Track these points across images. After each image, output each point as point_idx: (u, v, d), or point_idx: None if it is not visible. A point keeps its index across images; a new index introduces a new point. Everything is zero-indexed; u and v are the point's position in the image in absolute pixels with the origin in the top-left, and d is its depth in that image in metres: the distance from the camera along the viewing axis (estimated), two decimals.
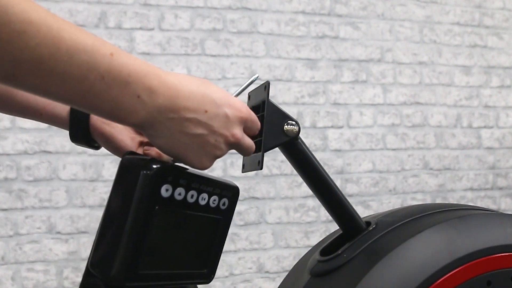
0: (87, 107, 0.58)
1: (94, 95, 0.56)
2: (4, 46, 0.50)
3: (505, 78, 2.68)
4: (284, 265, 2.30)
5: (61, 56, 0.53)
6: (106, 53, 0.56)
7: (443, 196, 2.56)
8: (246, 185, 2.27)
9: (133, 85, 0.58)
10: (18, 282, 2.01)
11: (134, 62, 0.58)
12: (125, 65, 0.57)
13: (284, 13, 2.36)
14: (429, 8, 2.57)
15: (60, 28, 0.53)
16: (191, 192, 0.66)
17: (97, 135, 0.78)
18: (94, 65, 0.55)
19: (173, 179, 0.63)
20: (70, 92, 0.55)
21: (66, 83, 0.54)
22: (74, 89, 0.55)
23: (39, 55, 0.52)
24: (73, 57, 0.53)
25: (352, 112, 2.44)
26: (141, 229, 0.61)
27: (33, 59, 0.51)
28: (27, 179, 2.04)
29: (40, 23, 0.51)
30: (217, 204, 0.71)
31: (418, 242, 0.76)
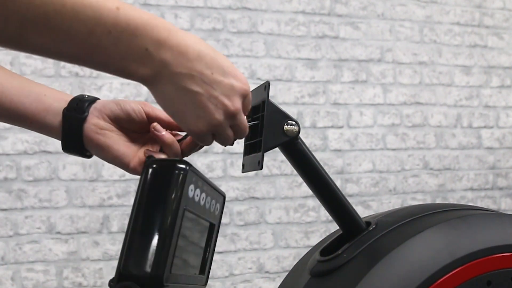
0: (95, 63, 0.58)
1: (101, 50, 0.56)
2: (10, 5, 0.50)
3: (505, 78, 2.68)
4: (284, 265, 2.30)
5: (66, 12, 0.53)
6: (111, 7, 0.56)
7: (443, 196, 2.56)
8: (246, 185, 2.27)
9: (141, 38, 0.57)
10: (18, 282, 2.01)
11: (141, 15, 0.58)
12: (132, 18, 0.57)
13: (284, 13, 2.36)
14: (429, 8, 2.57)
15: None
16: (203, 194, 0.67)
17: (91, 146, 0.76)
18: (100, 19, 0.55)
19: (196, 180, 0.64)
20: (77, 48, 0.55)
21: (73, 40, 0.54)
22: (81, 45, 0.55)
23: (45, 12, 0.51)
24: (78, 13, 0.53)
25: (352, 112, 2.44)
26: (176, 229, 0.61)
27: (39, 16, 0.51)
28: (27, 179, 2.04)
29: None
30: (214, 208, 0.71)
31: (418, 242, 0.76)
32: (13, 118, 0.77)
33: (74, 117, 0.74)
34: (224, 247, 2.23)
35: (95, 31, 0.55)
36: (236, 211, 2.25)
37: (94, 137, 0.74)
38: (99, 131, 0.74)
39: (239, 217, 2.26)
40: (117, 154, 0.75)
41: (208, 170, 2.22)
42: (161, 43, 0.59)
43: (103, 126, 0.75)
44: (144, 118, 0.75)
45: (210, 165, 2.23)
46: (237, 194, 2.26)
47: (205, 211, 0.68)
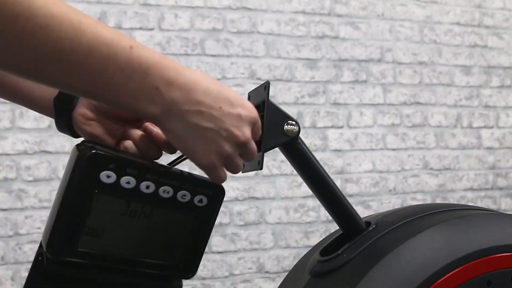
0: (106, 99, 0.59)
1: (113, 87, 0.57)
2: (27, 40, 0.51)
3: (505, 78, 2.68)
4: (284, 265, 2.30)
5: (82, 49, 0.54)
6: (125, 46, 0.57)
7: (443, 196, 2.56)
8: (246, 185, 2.27)
9: (152, 77, 0.59)
10: (18, 282, 2.01)
11: (153, 55, 0.59)
12: (144, 57, 0.58)
13: (284, 13, 2.36)
14: (429, 8, 2.57)
15: (80, 22, 0.54)
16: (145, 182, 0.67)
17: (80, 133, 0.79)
18: (114, 57, 0.56)
19: (116, 167, 0.66)
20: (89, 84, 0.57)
21: (86, 76, 0.56)
22: (93, 81, 0.56)
23: (61, 48, 0.53)
24: (93, 50, 0.55)
25: (352, 112, 2.44)
26: (77, 209, 0.64)
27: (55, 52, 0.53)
28: (27, 179, 2.04)
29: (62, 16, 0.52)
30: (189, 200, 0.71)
31: (418, 242, 0.76)
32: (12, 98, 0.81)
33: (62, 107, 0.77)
34: (224, 247, 2.23)
35: (108, 68, 0.56)
36: (236, 211, 2.25)
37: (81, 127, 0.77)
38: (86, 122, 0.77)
39: (239, 217, 2.26)
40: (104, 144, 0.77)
41: None
42: (170, 82, 0.60)
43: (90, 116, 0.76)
44: None
45: None
46: (237, 194, 2.26)
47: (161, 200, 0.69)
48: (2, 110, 2.03)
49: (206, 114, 0.63)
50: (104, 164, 0.65)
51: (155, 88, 0.59)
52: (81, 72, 0.55)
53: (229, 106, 0.64)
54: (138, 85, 0.58)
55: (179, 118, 0.62)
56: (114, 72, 0.56)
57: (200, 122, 0.63)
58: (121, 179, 0.66)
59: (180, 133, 0.63)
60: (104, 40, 0.55)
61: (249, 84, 2.25)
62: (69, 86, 0.57)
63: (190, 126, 0.63)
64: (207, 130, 0.63)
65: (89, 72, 0.55)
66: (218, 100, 0.64)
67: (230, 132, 0.65)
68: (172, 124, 0.62)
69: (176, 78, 0.61)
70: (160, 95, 0.60)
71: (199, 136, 0.63)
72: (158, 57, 0.60)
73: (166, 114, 0.61)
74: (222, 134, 0.64)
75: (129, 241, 0.69)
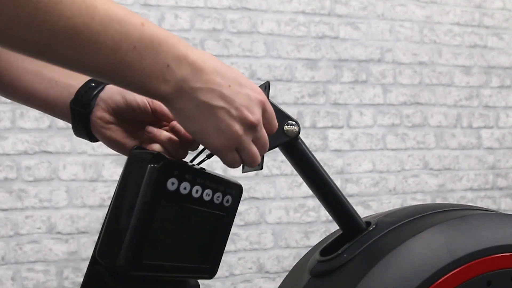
0: (118, 79, 0.59)
1: (125, 65, 0.57)
2: (41, 16, 0.51)
3: (505, 78, 2.68)
4: (284, 265, 2.30)
5: (95, 26, 0.54)
6: (137, 22, 0.57)
7: (443, 196, 2.56)
8: (246, 185, 2.27)
9: (163, 54, 0.58)
10: (18, 282, 2.01)
11: (163, 32, 0.59)
12: (155, 34, 0.58)
13: (284, 13, 2.36)
14: (429, 8, 2.58)
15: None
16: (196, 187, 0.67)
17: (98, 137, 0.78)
18: (126, 34, 0.56)
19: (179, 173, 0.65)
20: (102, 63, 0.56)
21: (99, 54, 0.55)
22: (106, 60, 0.56)
23: (74, 25, 0.52)
24: (106, 27, 0.54)
25: (352, 112, 2.44)
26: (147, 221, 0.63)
27: (68, 29, 0.52)
28: (27, 179, 2.04)
29: None
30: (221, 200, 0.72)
31: (418, 242, 0.76)
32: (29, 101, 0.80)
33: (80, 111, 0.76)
34: None
35: (121, 46, 0.56)
36: None
37: (100, 131, 0.76)
38: (105, 125, 0.76)
39: (239, 217, 2.26)
40: (122, 147, 0.76)
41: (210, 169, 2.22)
42: (181, 59, 0.60)
43: (108, 119, 0.76)
44: (148, 111, 0.76)
45: (211, 165, 2.23)
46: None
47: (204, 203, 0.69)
48: (2, 110, 2.03)
49: (216, 92, 0.62)
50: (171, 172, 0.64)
51: (166, 65, 0.59)
52: (93, 50, 0.55)
53: (238, 86, 0.64)
54: (150, 62, 0.58)
55: (189, 96, 0.61)
56: (127, 50, 0.56)
57: (210, 100, 0.62)
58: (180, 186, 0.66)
59: (190, 113, 0.62)
60: (116, 16, 0.55)
61: None
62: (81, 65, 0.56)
63: (201, 104, 0.62)
64: (218, 109, 0.62)
65: (102, 49, 0.55)
66: (227, 79, 0.63)
67: (240, 111, 0.63)
68: (183, 103, 0.61)
69: (186, 56, 0.60)
70: (171, 73, 0.59)
71: (210, 114, 0.62)
72: (168, 35, 0.60)
73: (177, 92, 0.60)
74: (232, 113, 0.63)
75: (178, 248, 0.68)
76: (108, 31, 0.54)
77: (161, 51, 0.58)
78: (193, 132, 0.64)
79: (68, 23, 0.52)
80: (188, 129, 0.64)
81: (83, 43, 0.54)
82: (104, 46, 0.55)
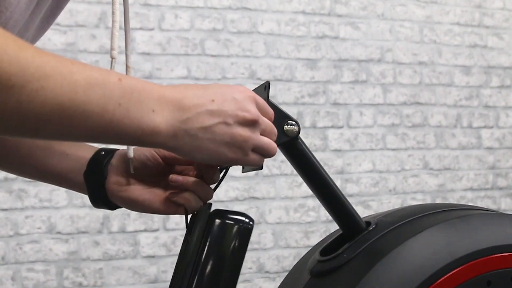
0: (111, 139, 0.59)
1: (115, 124, 0.57)
2: (25, 106, 0.51)
3: (505, 78, 2.68)
4: (284, 265, 2.31)
5: (79, 98, 0.54)
6: (115, 80, 0.57)
7: (443, 196, 2.56)
8: (246, 185, 2.27)
9: (146, 102, 0.59)
10: (18, 282, 2.01)
11: (138, 82, 0.60)
12: (133, 85, 0.59)
13: (284, 13, 2.36)
14: (429, 8, 2.58)
15: (71, 72, 0.54)
16: None
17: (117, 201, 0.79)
18: (109, 95, 0.56)
19: None
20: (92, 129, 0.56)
21: (88, 121, 0.55)
22: (96, 125, 0.56)
23: (60, 103, 0.53)
24: (90, 95, 0.55)
25: (352, 112, 2.44)
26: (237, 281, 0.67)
27: (54, 109, 0.53)
28: (27, 179, 2.04)
29: (55, 73, 0.52)
30: None
31: (418, 242, 0.76)
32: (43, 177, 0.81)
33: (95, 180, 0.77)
34: None
35: (107, 107, 0.56)
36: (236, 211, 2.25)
37: (117, 195, 0.77)
38: (121, 188, 0.77)
39: None
40: (144, 204, 0.77)
41: None
42: (161, 100, 0.60)
43: (124, 182, 0.77)
44: (159, 162, 0.77)
45: None
46: (237, 194, 2.26)
47: None
48: None
49: (204, 113, 0.62)
50: None
51: (152, 110, 0.59)
52: (82, 120, 0.55)
53: (221, 95, 0.64)
54: (137, 113, 0.58)
55: (184, 131, 0.61)
56: (114, 109, 0.56)
57: (203, 123, 0.62)
58: None
59: (193, 145, 0.62)
60: (96, 81, 0.55)
61: (249, 84, 2.25)
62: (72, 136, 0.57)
63: (197, 132, 0.62)
64: (214, 126, 0.62)
65: (90, 116, 0.55)
66: (208, 96, 0.63)
67: (235, 116, 0.64)
68: (182, 141, 0.62)
69: (163, 96, 0.61)
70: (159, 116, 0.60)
71: (210, 136, 0.63)
72: (142, 82, 0.60)
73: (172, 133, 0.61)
74: (229, 122, 0.63)
75: None
76: (92, 98, 0.55)
77: (143, 100, 0.59)
78: (205, 160, 0.65)
79: (54, 103, 0.52)
80: (198, 159, 0.65)
81: (70, 117, 0.54)
82: (91, 113, 0.55)
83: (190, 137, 0.62)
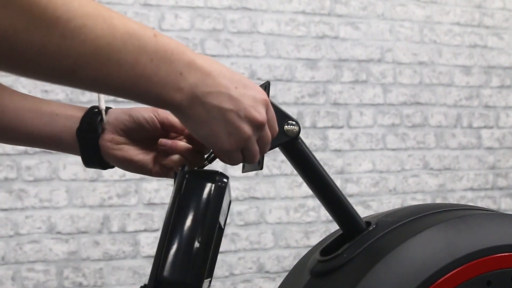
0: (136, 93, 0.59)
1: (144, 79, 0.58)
2: (67, 42, 0.51)
3: (505, 78, 2.68)
4: (284, 265, 2.31)
5: (116, 44, 0.54)
6: (151, 35, 0.58)
7: (443, 196, 2.56)
8: (246, 185, 2.27)
9: (176, 63, 0.60)
10: (18, 282, 2.01)
11: (172, 41, 0.60)
12: (167, 44, 0.59)
13: (284, 13, 2.36)
14: (429, 8, 2.58)
15: (111, 17, 0.54)
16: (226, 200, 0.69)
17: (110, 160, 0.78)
18: (144, 48, 0.57)
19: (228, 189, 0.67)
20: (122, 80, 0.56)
21: (120, 71, 0.56)
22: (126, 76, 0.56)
23: (98, 46, 0.53)
24: (126, 43, 0.55)
25: (352, 112, 2.44)
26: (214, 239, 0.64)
27: (93, 51, 0.53)
28: (27, 179, 2.04)
29: (96, 14, 0.53)
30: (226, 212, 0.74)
31: (418, 242, 0.76)
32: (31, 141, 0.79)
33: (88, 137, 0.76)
34: (224, 247, 2.23)
35: (140, 60, 0.56)
36: (236, 211, 2.25)
37: (112, 153, 0.76)
38: (116, 147, 0.76)
39: (239, 217, 2.26)
40: (137, 165, 0.77)
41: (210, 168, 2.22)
42: (191, 65, 0.61)
43: (119, 140, 0.76)
44: (157, 126, 0.77)
45: (211, 165, 2.23)
46: (237, 194, 2.26)
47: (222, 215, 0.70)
48: None
49: (225, 95, 0.63)
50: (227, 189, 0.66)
51: (180, 73, 0.60)
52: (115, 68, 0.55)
53: (243, 87, 0.65)
54: (165, 72, 0.59)
55: (201, 101, 0.62)
56: (146, 63, 0.57)
57: (220, 103, 0.63)
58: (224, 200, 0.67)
59: (202, 118, 0.63)
60: (133, 31, 0.56)
61: None
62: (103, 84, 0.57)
63: (212, 108, 0.63)
64: (228, 112, 0.63)
65: (123, 66, 0.56)
66: (233, 81, 0.64)
67: (248, 112, 0.65)
68: (195, 109, 0.62)
69: (194, 62, 0.61)
70: (184, 80, 0.60)
71: (220, 118, 0.63)
72: (177, 43, 0.61)
73: (190, 99, 0.61)
74: (241, 114, 0.64)
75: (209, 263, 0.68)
76: (128, 48, 0.55)
77: (174, 60, 0.59)
78: (204, 136, 0.65)
79: (93, 45, 0.53)
80: (199, 134, 0.65)
81: (105, 62, 0.54)
82: (125, 62, 0.56)
83: (204, 110, 0.62)
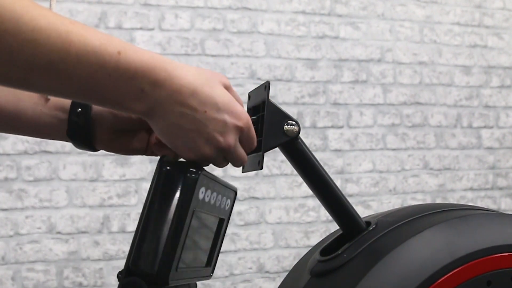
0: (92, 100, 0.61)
1: (99, 90, 0.58)
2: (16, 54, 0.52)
3: (505, 78, 2.68)
4: (284, 265, 2.30)
5: (70, 59, 0.55)
6: (113, 52, 0.57)
7: (443, 196, 2.56)
8: (246, 185, 2.27)
9: (138, 80, 0.59)
10: (18, 282, 2.01)
11: (141, 58, 0.59)
12: (132, 62, 0.59)
13: (284, 13, 2.36)
14: (429, 8, 2.57)
15: (68, 32, 0.54)
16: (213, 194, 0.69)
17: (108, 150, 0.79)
18: (102, 65, 0.57)
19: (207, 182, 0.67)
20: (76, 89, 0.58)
21: (74, 83, 0.56)
22: (81, 87, 0.57)
23: (50, 60, 0.53)
24: (81, 59, 0.55)
25: (352, 112, 2.44)
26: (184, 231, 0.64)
27: (44, 64, 0.53)
28: (27, 179, 2.04)
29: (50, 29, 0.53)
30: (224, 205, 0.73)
31: (418, 242, 0.76)
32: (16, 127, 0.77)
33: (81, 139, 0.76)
34: (224, 247, 2.23)
35: (95, 75, 0.57)
36: (236, 211, 2.25)
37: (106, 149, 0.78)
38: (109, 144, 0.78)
39: (239, 217, 2.26)
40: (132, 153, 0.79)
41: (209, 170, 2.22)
42: (156, 84, 0.60)
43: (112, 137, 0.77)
44: None
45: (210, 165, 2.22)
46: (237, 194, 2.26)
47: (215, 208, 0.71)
48: None
49: (189, 116, 0.63)
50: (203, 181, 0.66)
51: (141, 90, 0.60)
52: (69, 80, 0.56)
53: (215, 111, 0.64)
54: (124, 88, 0.59)
55: (162, 116, 0.63)
56: (102, 78, 0.57)
57: (181, 123, 0.63)
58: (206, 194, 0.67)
59: (163, 130, 0.64)
60: (92, 48, 0.56)
61: (249, 84, 2.25)
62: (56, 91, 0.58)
63: (171, 125, 0.63)
64: (189, 131, 0.64)
65: (77, 79, 0.56)
66: (205, 104, 0.63)
67: (212, 137, 0.65)
68: (156, 120, 0.63)
69: (164, 80, 0.61)
70: (145, 96, 0.60)
71: (180, 135, 0.64)
72: (147, 59, 0.60)
73: (151, 111, 0.62)
74: (203, 137, 0.65)
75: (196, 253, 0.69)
76: (83, 63, 0.55)
77: (136, 78, 0.59)
78: (166, 142, 0.66)
79: (44, 58, 0.53)
80: (162, 139, 0.66)
81: (58, 75, 0.55)
82: (80, 76, 0.56)
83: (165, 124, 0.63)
